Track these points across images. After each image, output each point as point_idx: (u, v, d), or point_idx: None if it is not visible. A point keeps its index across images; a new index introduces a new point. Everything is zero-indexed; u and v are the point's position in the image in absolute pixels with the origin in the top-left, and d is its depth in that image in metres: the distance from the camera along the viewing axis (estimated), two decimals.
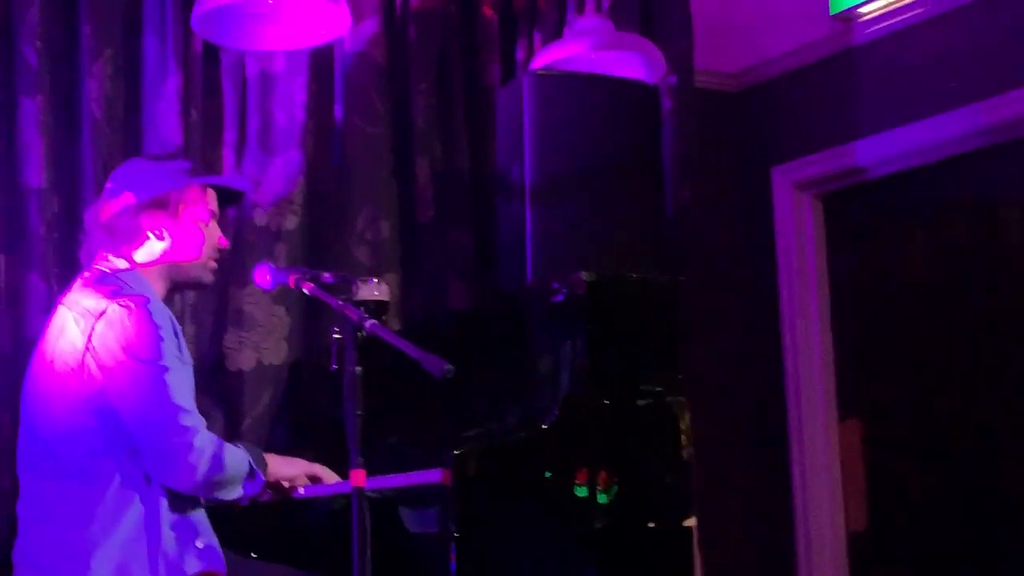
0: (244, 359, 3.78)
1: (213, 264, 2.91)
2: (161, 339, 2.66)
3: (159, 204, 2.82)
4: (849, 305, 4.56)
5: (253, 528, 3.12)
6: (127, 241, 2.81)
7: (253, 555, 3.03)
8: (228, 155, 3.87)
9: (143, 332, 2.65)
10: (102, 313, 2.67)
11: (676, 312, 3.27)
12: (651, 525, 3.07)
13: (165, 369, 2.64)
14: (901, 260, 4.45)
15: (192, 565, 2.66)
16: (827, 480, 4.47)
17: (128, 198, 2.81)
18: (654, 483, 3.09)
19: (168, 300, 2.86)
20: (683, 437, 3.16)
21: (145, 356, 2.64)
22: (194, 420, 2.65)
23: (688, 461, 3.15)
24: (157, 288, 2.81)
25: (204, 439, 2.64)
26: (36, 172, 3.57)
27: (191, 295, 3.63)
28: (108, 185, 2.88)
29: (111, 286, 2.73)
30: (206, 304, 3.75)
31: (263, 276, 2.82)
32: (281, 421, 3.81)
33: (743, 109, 4.72)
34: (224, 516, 2.89)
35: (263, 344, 3.79)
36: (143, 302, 2.68)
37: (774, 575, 4.50)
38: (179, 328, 2.75)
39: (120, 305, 2.67)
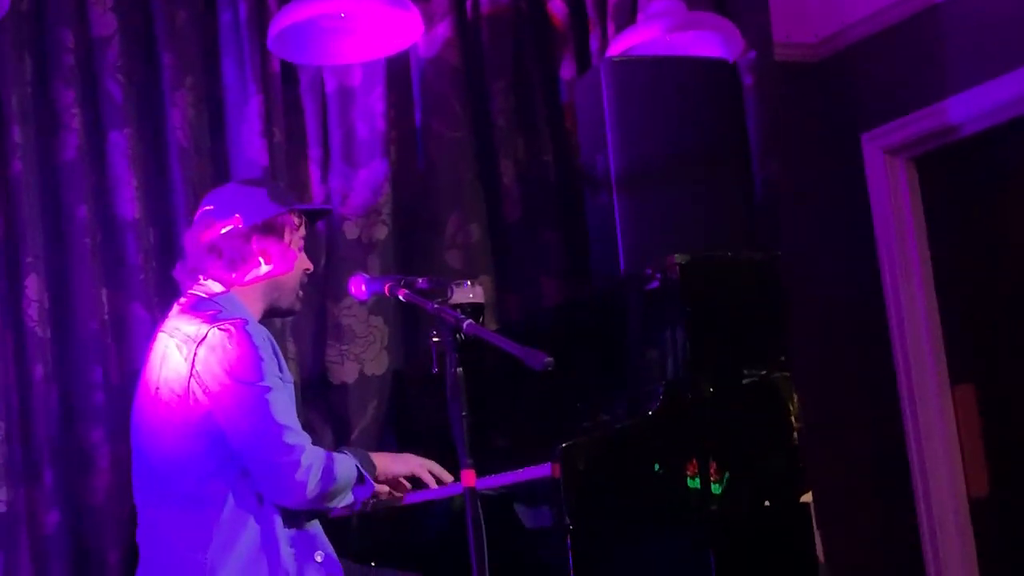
0: (347, 372, 3.81)
1: (301, 292, 2.93)
2: (261, 359, 2.68)
3: (268, 228, 2.85)
4: (952, 268, 4.45)
5: (371, 536, 3.15)
6: (236, 264, 2.83)
7: (372, 563, 3.05)
8: (314, 171, 3.91)
9: (244, 354, 2.67)
10: (203, 338, 2.70)
11: (777, 289, 3.23)
12: (767, 504, 3.03)
13: (267, 389, 2.66)
14: (1002, 218, 4.33)
15: None
16: (944, 447, 4.37)
17: (237, 221, 2.82)
18: (766, 462, 3.05)
19: (264, 322, 2.88)
20: (792, 415, 3.12)
21: (247, 378, 2.66)
22: (298, 438, 2.67)
23: (799, 437, 3.11)
24: (254, 310, 2.84)
25: (310, 455, 2.66)
26: (130, 204, 3.64)
27: None
28: (208, 207, 2.88)
29: (210, 310, 2.76)
30: (305, 321, 3.78)
31: (358, 287, 2.83)
32: (388, 430, 3.84)
33: (826, 78, 4.63)
34: (343, 525, 2.91)
35: (364, 355, 3.82)
36: (242, 324, 2.71)
37: (897, 547, 4.42)
38: (278, 347, 2.76)
39: (220, 329, 2.69)
